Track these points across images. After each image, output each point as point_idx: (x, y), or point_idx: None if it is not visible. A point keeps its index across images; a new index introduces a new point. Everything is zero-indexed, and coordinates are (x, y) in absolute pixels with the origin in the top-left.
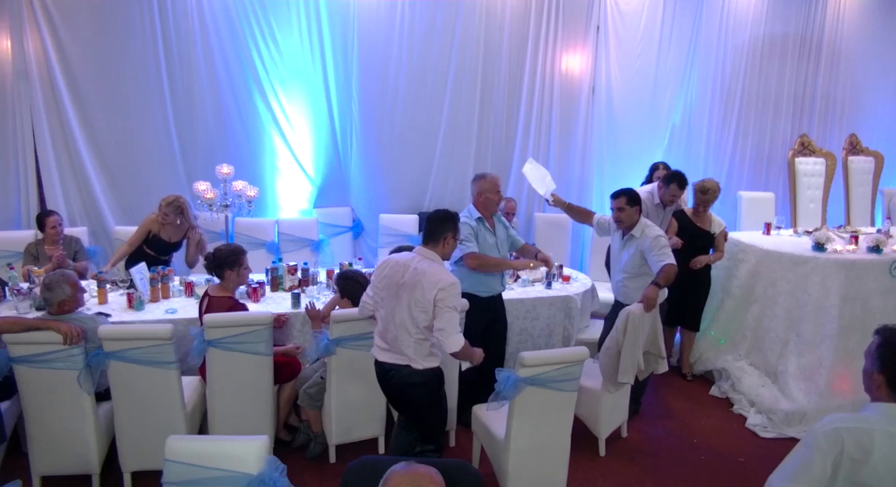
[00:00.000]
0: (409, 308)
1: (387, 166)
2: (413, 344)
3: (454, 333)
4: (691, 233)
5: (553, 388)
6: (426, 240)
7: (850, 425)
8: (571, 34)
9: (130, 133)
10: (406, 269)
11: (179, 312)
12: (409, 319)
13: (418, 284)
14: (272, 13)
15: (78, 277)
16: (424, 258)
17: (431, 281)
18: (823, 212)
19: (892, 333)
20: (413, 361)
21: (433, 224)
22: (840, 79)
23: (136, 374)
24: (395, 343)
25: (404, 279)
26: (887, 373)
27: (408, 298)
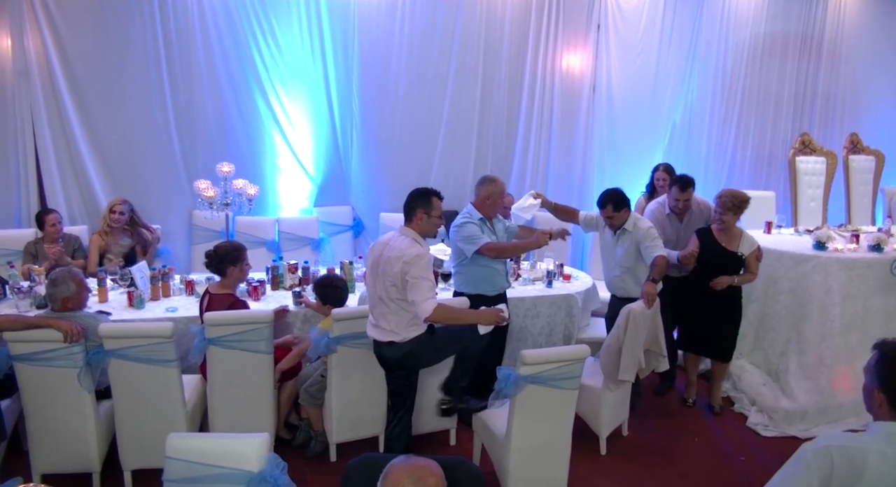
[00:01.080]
0: (383, 282)
1: (387, 165)
2: (392, 316)
3: (423, 301)
4: (714, 253)
5: (554, 386)
6: (405, 219)
7: (842, 443)
8: (572, 33)
9: (131, 131)
10: (383, 247)
11: (180, 310)
12: (383, 293)
13: (388, 259)
14: (272, 11)
15: None
16: (400, 235)
17: (396, 255)
18: (824, 210)
19: (891, 348)
20: (395, 334)
21: (405, 204)
22: (841, 77)
23: (136, 372)
24: (379, 317)
25: (380, 256)
26: (887, 391)
27: (381, 273)
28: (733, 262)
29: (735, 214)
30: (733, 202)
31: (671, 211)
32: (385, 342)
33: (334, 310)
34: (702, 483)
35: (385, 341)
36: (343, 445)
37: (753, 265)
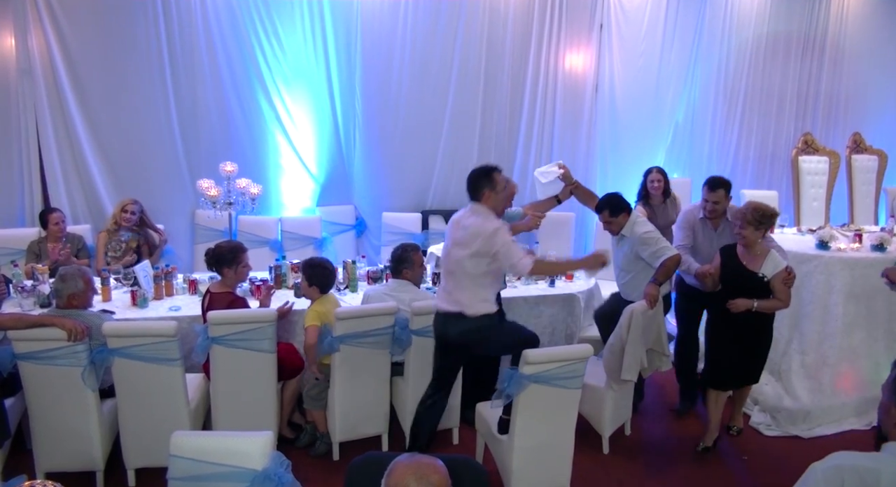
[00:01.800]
0: (460, 260)
1: (390, 164)
2: (466, 291)
3: (518, 261)
4: (733, 272)
5: (557, 386)
6: (471, 196)
7: (854, 463)
8: (575, 32)
9: (134, 131)
10: (457, 226)
11: (183, 309)
12: (459, 269)
13: (465, 238)
14: (275, 11)
15: None
16: (472, 213)
17: (473, 232)
18: (827, 210)
19: None
20: (466, 307)
21: (469, 183)
22: (844, 77)
23: (140, 371)
24: (455, 291)
25: (457, 235)
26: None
27: (458, 252)
28: (753, 284)
29: (756, 229)
30: (754, 215)
31: (705, 215)
32: (454, 312)
33: (337, 310)
34: (704, 482)
35: (454, 311)
36: (346, 444)
37: (780, 290)
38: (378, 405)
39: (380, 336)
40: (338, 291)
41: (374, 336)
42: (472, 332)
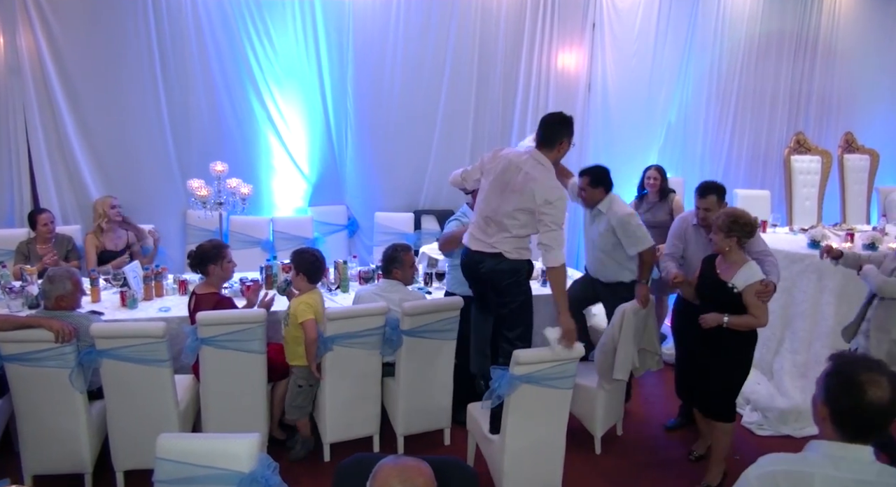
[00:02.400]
0: (514, 210)
1: (382, 164)
2: (509, 242)
3: (557, 249)
4: (706, 282)
5: (548, 386)
6: (541, 143)
7: (787, 467)
8: (567, 31)
9: (124, 130)
10: (518, 172)
11: (173, 310)
12: (509, 220)
13: (528, 190)
14: (267, 10)
15: None
16: (538, 163)
17: (540, 192)
18: (819, 209)
19: (845, 362)
20: (507, 252)
21: (549, 127)
22: (836, 76)
23: (128, 372)
24: (495, 236)
25: (516, 181)
26: (832, 407)
27: (515, 201)
28: (724, 296)
29: (727, 236)
30: (724, 221)
31: (698, 222)
32: (491, 254)
33: (328, 310)
34: (697, 482)
35: (492, 252)
36: (336, 445)
37: (752, 304)
38: (369, 406)
39: (370, 336)
40: (329, 291)
41: (364, 336)
42: (508, 272)
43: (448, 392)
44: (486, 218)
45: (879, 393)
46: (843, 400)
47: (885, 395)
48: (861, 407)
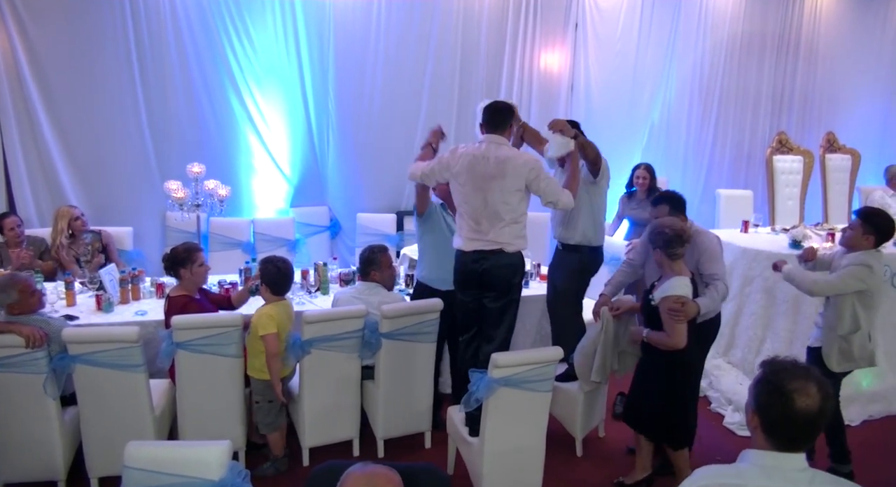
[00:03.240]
0: (503, 195)
1: (364, 165)
2: (507, 229)
3: (563, 192)
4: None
5: (527, 389)
6: (492, 128)
7: (721, 481)
8: (550, 32)
9: (102, 132)
10: (487, 161)
11: (150, 314)
12: (502, 206)
13: (508, 171)
14: (246, 10)
15: (46, 276)
16: (498, 144)
17: (518, 165)
18: (801, 209)
19: (776, 370)
20: (505, 245)
21: (499, 113)
22: (818, 76)
23: (102, 378)
24: (492, 231)
25: (489, 170)
26: (762, 416)
27: (501, 186)
28: (647, 309)
29: (654, 247)
30: (651, 232)
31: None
32: (492, 250)
33: (306, 313)
34: (677, 483)
35: (492, 249)
36: (316, 449)
37: (664, 320)
38: (348, 409)
39: (349, 339)
40: (309, 293)
41: (342, 339)
42: (508, 267)
43: (428, 394)
44: (475, 218)
45: (808, 401)
46: (771, 409)
47: (813, 404)
48: (790, 416)
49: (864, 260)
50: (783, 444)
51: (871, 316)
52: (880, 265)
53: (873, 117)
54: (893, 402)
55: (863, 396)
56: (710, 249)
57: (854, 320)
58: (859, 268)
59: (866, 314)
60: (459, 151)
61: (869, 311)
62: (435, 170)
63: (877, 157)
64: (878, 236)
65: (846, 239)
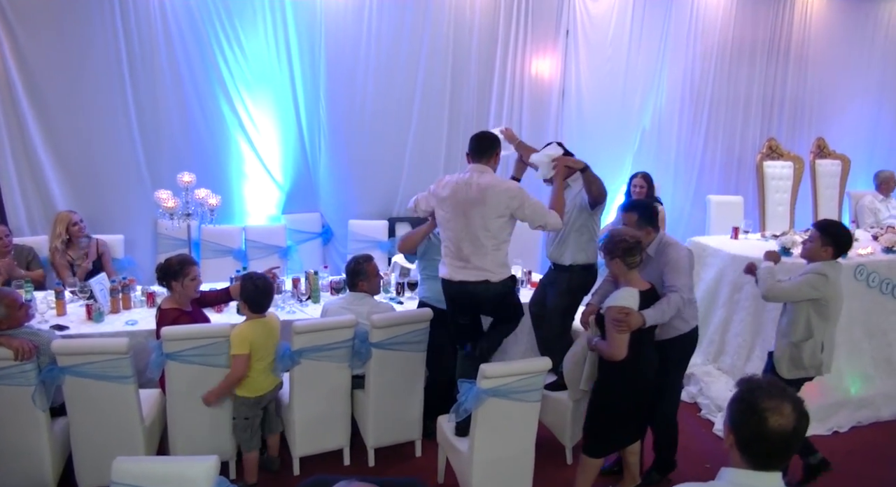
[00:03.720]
0: (484, 221)
1: (356, 171)
2: (490, 256)
3: (549, 215)
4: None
5: (516, 399)
6: (478, 156)
7: None
8: (541, 38)
9: (93, 138)
10: (469, 187)
11: (140, 323)
12: (482, 232)
13: (487, 199)
14: (237, 17)
15: (36, 285)
16: (481, 172)
17: (499, 190)
18: (791, 215)
19: (751, 388)
20: (491, 274)
21: (482, 142)
22: (808, 82)
23: (92, 389)
24: (472, 258)
25: (471, 196)
26: (737, 433)
27: (480, 213)
28: (598, 318)
29: (611, 258)
30: (609, 239)
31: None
32: (478, 281)
33: (295, 323)
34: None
35: (478, 280)
36: (306, 458)
37: (607, 329)
38: (338, 418)
39: (339, 349)
40: (299, 302)
41: (333, 349)
42: (497, 297)
43: (419, 403)
44: (457, 245)
45: (782, 420)
46: (745, 427)
47: (787, 423)
48: (763, 435)
49: (819, 270)
50: (759, 463)
51: (827, 326)
52: (837, 275)
53: (863, 123)
54: (881, 408)
55: (851, 402)
56: (675, 261)
57: (807, 328)
58: (814, 276)
59: (821, 323)
60: (445, 180)
61: (824, 321)
62: (426, 199)
63: (867, 162)
64: (836, 248)
65: (806, 251)
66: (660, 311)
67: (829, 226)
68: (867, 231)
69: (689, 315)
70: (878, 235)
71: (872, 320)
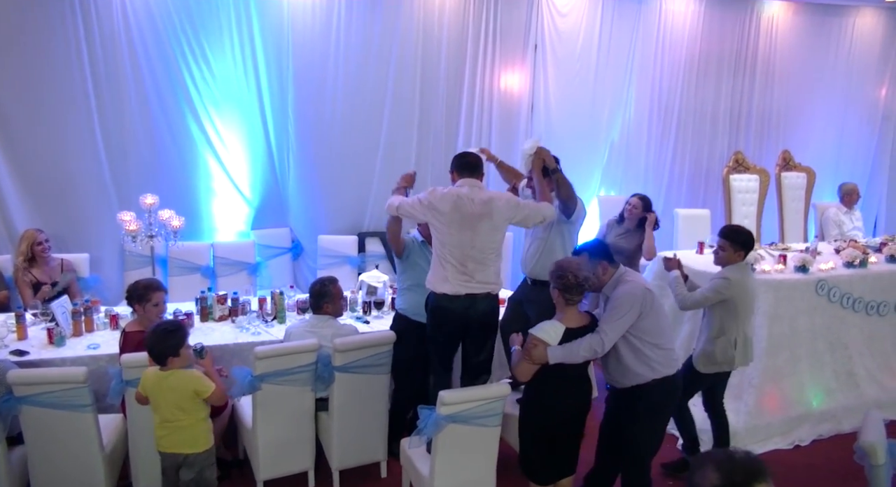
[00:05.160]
0: (490, 234)
1: (325, 186)
2: (491, 267)
3: (543, 207)
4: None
5: (476, 424)
6: (473, 172)
7: None
8: (510, 53)
9: (56, 156)
10: (472, 202)
11: (102, 347)
12: (489, 244)
13: (493, 211)
14: (203, 34)
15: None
16: (477, 188)
17: (502, 205)
18: (758, 227)
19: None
20: (493, 286)
21: (472, 158)
22: (774, 95)
23: (50, 418)
24: (478, 272)
25: (475, 210)
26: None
27: (487, 226)
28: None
29: (551, 285)
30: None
31: None
32: (483, 294)
33: (257, 348)
34: None
35: (483, 293)
36: (270, 482)
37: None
38: (302, 441)
39: (301, 373)
40: (265, 322)
41: (295, 373)
42: (495, 311)
43: (383, 424)
44: (460, 259)
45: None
46: None
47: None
48: None
49: (723, 275)
50: None
51: (738, 323)
52: (743, 275)
53: (828, 135)
54: (843, 421)
55: (813, 416)
56: (613, 302)
57: (720, 327)
58: (718, 282)
59: (732, 322)
60: (440, 192)
61: (735, 320)
62: (417, 209)
63: (832, 175)
64: (745, 250)
65: (720, 259)
66: (568, 351)
67: (735, 233)
68: (831, 244)
69: (657, 362)
70: (840, 249)
71: (834, 334)
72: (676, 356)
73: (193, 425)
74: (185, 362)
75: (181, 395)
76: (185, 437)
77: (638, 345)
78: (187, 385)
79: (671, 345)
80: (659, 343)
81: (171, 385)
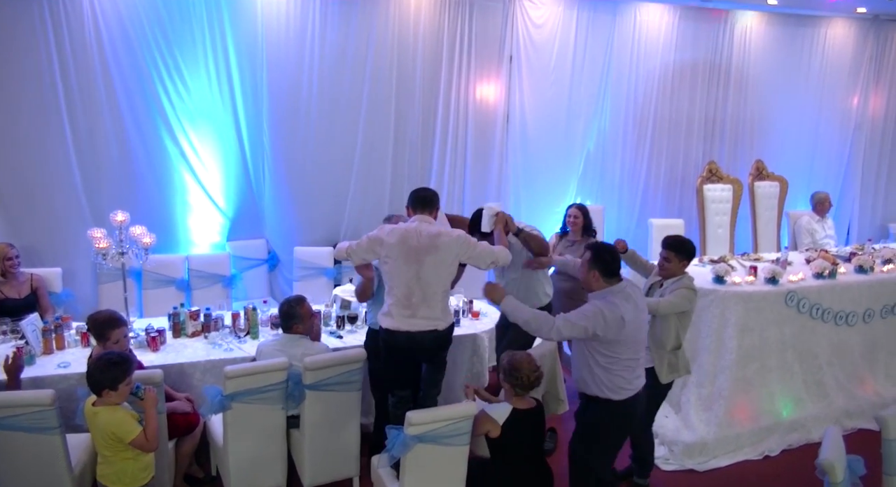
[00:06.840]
0: (436, 268)
1: (301, 198)
2: (440, 302)
3: (497, 250)
4: None
5: (444, 444)
6: (424, 208)
7: None
8: (485, 64)
9: (29, 172)
10: (419, 235)
11: (73, 365)
12: (435, 278)
13: (440, 245)
14: (177, 47)
15: None
16: (429, 223)
17: (450, 240)
18: (731, 237)
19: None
20: (438, 321)
21: (427, 193)
22: (748, 104)
23: (17, 441)
24: (422, 306)
25: (422, 243)
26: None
27: (432, 260)
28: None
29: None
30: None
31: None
32: (426, 331)
33: (227, 368)
34: None
35: (426, 330)
36: None
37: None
38: (274, 458)
39: (272, 392)
40: (237, 338)
41: (265, 392)
42: (445, 344)
43: (355, 440)
44: (405, 293)
45: None
46: None
47: None
48: None
49: (689, 285)
50: None
51: (686, 332)
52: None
53: (800, 144)
54: (812, 431)
55: (782, 426)
56: (584, 309)
57: (677, 337)
58: (687, 291)
59: (684, 331)
60: (388, 228)
61: (685, 329)
62: (363, 246)
63: (805, 184)
64: (689, 259)
65: (668, 271)
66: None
67: (680, 244)
68: (802, 253)
69: (603, 384)
70: (810, 259)
71: (804, 344)
72: (633, 386)
73: (121, 463)
74: (122, 399)
75: (104, 434)
76: (114, 472)
77: (590, 359)
78: (108, 426)
79: (626, 375)
80: (611, 368)
81: (97, 422)
